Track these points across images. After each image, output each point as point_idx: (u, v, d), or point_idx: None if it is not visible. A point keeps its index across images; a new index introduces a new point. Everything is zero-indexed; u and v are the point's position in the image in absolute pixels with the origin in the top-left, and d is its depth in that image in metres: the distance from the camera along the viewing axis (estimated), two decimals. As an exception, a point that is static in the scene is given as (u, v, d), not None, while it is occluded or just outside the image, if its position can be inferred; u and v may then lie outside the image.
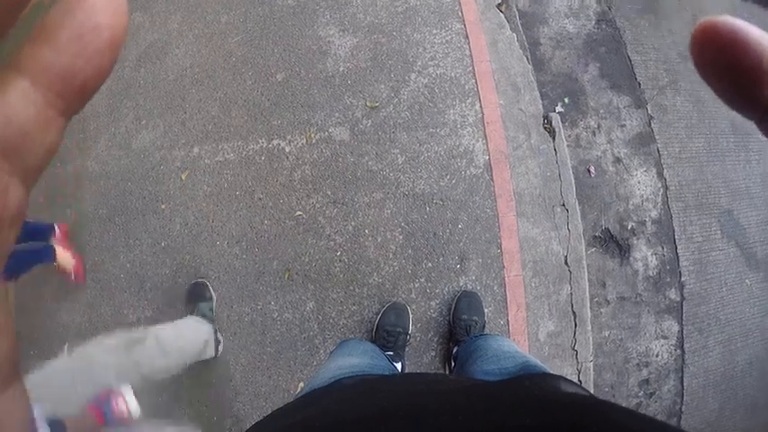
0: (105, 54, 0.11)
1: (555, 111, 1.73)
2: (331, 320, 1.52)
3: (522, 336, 1.59)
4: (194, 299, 1.56)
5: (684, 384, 1.78)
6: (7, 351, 0.11)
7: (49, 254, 1.53)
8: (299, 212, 1.57)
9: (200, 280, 1.60)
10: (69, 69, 0.11)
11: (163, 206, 1.70)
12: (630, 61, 1.95)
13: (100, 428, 0.96)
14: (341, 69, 1.64)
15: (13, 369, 0.12)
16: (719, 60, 0.13)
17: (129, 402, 1.07)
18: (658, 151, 1.91)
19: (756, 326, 1.87)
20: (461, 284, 1.52)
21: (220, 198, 1.64)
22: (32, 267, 1.50)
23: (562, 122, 1.70)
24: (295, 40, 1.70)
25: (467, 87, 1.58)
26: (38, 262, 1.51)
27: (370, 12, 1.69)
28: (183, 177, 1.69)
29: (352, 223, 1.53)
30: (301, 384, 1.54)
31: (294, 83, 1.65)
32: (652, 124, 1.90)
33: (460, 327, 1.46)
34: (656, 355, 1.81)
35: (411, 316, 1.51)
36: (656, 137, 1.91)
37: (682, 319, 1.83)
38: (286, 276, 1.55)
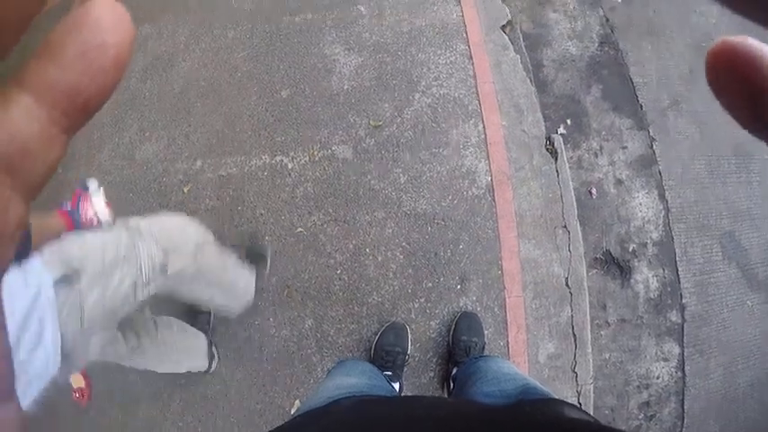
0: (110, 72, 0.11)
1: (557, 132, 1.74)
2: (329, 339, 1.51)
3: (522, 357, 1.58)
4: (193, 311, 1.55)
5: (685, 407, 1.76)
6: (2, 370, 0.11)
7: None
8: (300, 229, 1.57)
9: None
10: (74, 87, 0.11)
11: (164, 218, 1.70)
12: (633, 83, 1.96)
13: (67, 233, 0.88)
14: (345, 88, 1.65)
15: (8, 388, 0.11)
16: (734, 81, 0.13)
17: (98, 209, 1.02)
18: (660, 173, 1.91)
19: (758, 348, 1.86)
20: (461, 305, 1.52)
21: (222, 212, 1.64)
22: None
23: (564, 144, 1.71)
24: (300, 58, 1.72)
25: (470, 108, 1.59)
26: None
27: (375, 31, 1.70)
28: (186, 190, 1.69)
29: (353, 242, 1.53)
30: (297, 402, 1.53)
31: (299, 100, 1.67)
32: (654, 146, 1.91)
33: (460, 348, 1.45)
34: (657, 378, 1.79)
35: (410, 336, 1.49)
36: (658, 159, 1.91)
37: (683, 341, 1.82)
38: (285, 293, 1.54)
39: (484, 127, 1.57)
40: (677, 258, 1.87)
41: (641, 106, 1.93)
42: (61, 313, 0.79)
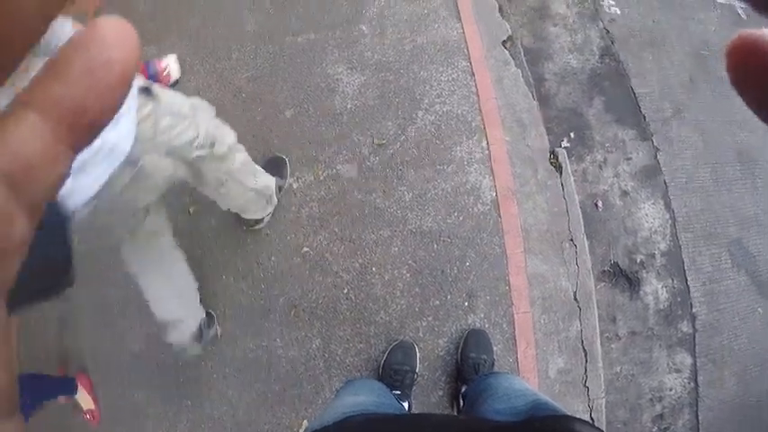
0: (116, 89, 0.11)
1: (561, 146, 1.74)
2: (337, 358, 1.51)
3: (532, 373, 1.56)
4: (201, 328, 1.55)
5: (699, 418, 1.74)
6: (6, 384, 0.11)
7: (72, 387, 1.59)
8: (306, 249, 1.57)
9: (207, 311, 1.60)
10: (79, 104, 0.11)
11: (170, 239, 1.70)
12: (635, 94, 1.96)
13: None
14: (349, 107, 1.66)
15: (12, 403, 0.11)
16: (756, 74, 0.13)
17: (171, 66, 1.18)
18: (665, 183, 1.90)
19: (771, 354, 1.83)
20: (469, 322, 1.51)
21: (227, 233, 1.65)
22: (54, 399, 1.55)
23: (568, 157, 1.71)
24: (304, 78, 1.73)
25: (473, 124, 1.60)
26: (60, 394, 1.57)
27: (377, 50, 1.72)
28: (191, 211, 1.70)
29: (360, 261, 1.53)
30: (305, 423, 1.51)
31: (302, 119, 1.68)
32: (658, 156, 1.90)
33: (469, 365, 1.44)
34: (670, 390, 1.76)
35: (418, 354, 1.48)
36: (663, 168, 1.91)
37: (695, 351, 1.80)
38: (292, 313, 1.54)
39: (487, 143, 1.57)
40: (686, 268, 1.86)
41: (644, 117, 1.93)
42: (139, 112, 0.87)
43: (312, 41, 1.77)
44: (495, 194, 1.54)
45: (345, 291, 1.54)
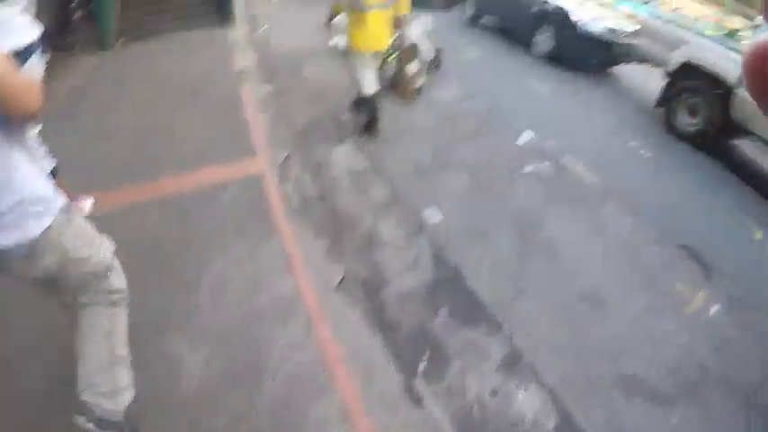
0: None
1: (417, 371, 1.77)
2: None
3: None
4: None
5: None
6: None
7: None
8: None
9: None
10: None
11: None
12: (473, 290, 2.16)
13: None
14: (194, 386, 1.54)
15: None
16: None
17: (87, 203, 1.76)
18: (530, 363, 2.00)
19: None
20: None
21: None
22: None
23: (428, 380, 1.72)
24: (144, 358, 1.61)
25: (321, 381, 1.57)
26: None
27: (216, 319, 1.72)
28: None
29: None
30: None
31: (143, 412, 1.50)
32: (514, 341, 2.03)
33: None
34: None
35: None
36: (522, 350, 2.01)
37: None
38: None
39: (340, 398, 1.53)
40: (585, 429, 1.83)
41: (489, 308, 2.11)
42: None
43: (150, 319, 1.72)
44: (361, 452, 1.43)
45: None
